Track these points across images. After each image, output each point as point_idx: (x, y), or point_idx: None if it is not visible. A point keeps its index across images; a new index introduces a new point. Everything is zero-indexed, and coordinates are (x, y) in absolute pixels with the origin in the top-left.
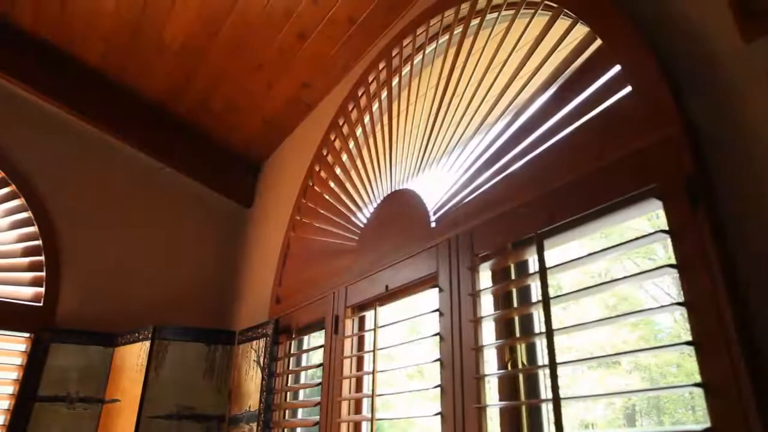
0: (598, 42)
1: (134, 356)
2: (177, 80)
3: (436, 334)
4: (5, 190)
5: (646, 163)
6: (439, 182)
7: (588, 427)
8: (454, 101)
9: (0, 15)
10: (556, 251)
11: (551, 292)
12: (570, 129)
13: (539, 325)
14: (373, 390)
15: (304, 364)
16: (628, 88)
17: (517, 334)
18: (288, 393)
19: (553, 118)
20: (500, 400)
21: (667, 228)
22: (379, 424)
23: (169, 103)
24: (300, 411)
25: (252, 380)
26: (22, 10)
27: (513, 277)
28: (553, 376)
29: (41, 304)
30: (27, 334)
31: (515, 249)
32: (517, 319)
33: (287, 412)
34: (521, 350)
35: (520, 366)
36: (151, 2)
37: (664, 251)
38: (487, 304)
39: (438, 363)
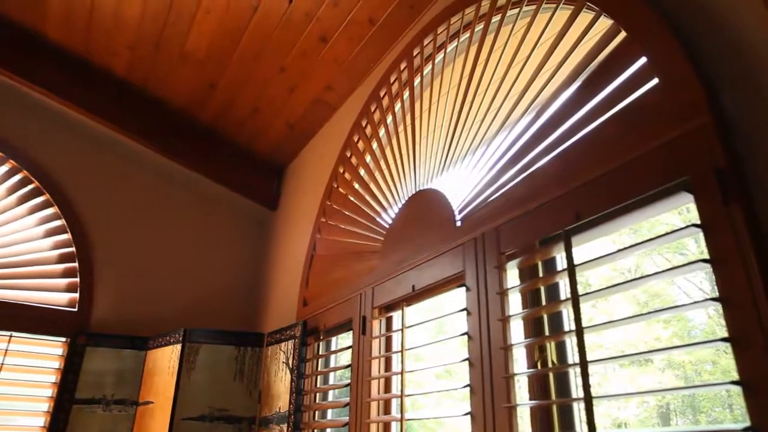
0: (623, 34)
1: (166, 359)
2: (201, 87)
3: (464, 334)
4: (40, 199)
5: (675, 156)
6: (464, 181)
7: (621, 426)
8: (477, 99)
9: (33, 30)
10: (584, 248)
11: (580, 290)
12: (596, 124)
13: (569, 323)
14: (402, 390)
15: (332, 365)
16: (655, 80)
17: (547, 333)
18: (317, 394)
19: (578, 113)
20: (531, 399)
21: (699, 222)
22: (409, 424)
23: (194, 110)
24: (329, 412)
25: (281, 382)
26: (53, 24)
27: (541, 274)
28: (584, 375)
29: (76, 310)
30: (63, 339)
31: (542, 246)
32: (546, 317)
33: (317, 413)
34: (551, 349)
35: (550, 365)
36: (174, 13)
37: (695, 246)
38: (515, 303)
39: (467, 362)
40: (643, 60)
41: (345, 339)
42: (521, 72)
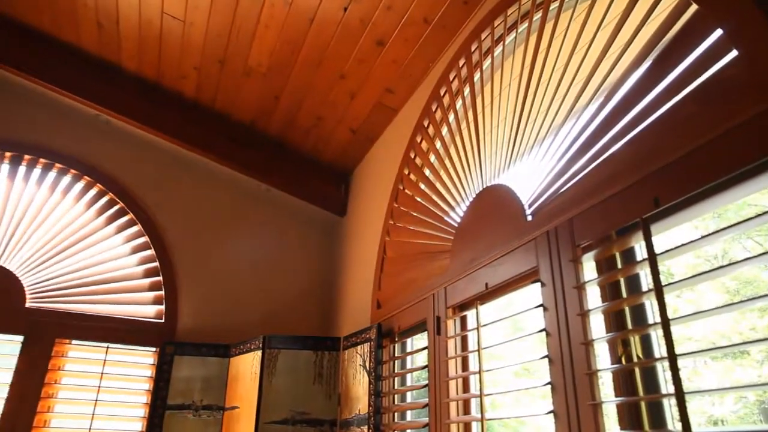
0: (694, 7)
1: (248, 365)
2: (265, 100)
3: (542, 330)
4: (125, 218)
5: (762, 131)
6: (532, 174)
7: (717, 424)
8: (541, 89)
9: (110, 62)
10: (663, 236)
11: (663, 280)
12: (670, 104)
13: (653, 316)
14: (480, 390)
15: (408, 366)
16: (734, 52)
17: (629, 326)
18: (396, 395)
19: (650, 94)
20: (616, 395)
21: None
22: (489, 424)
23: (261, 122)
24: (409, 413)
25: (360, 384)
26: (127, 55)
27: (619, 266)
28: (674, 369)
29: (163, 321)
30: (153, 349)
31: (619, 236)
32: (627, 310)
33: (396, 414)
34: (635, 343)
35: (635, 359)
36: (235, 31)
37: None
38: (593, 297)
39: (546, 360)
40: (718, 32)
41: (420, 340)
42: (585, 57)
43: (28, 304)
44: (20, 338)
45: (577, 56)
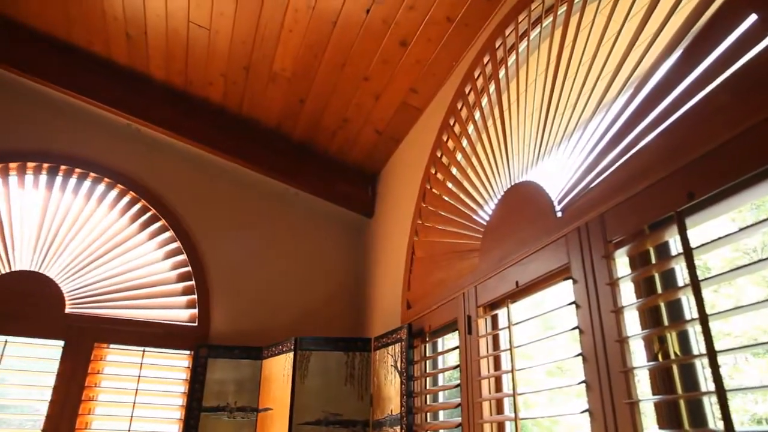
0: None
1: (280, 367)
2: (291, 104)
3: (574, 328)
4: (157, 224)
5: None
6: (561, 169)
7: (761, 423)
8: (568, 83)
9: (140, 72)
10: (698, 229)
11: (699, 274)
12: (703, 93)
13: (690, 311)
14: (513, 389)
15: (440, 365)
16: None
17: (665, 322)
18: (428, 395)
19: (682, 84)
20: (654, 393)
21: None
22: (523, 423)
23: (287, 126)
24: (441, 413)
25: (391, 385)
26: (156, 64)
27: (653, 261)
28: (714, 366)
29: (196, 324)
30: (188, 352)
31: (653, 231)
32: (663, 306)
33: (429, 414)
34: (671, 339)
35: (672, 356)
36: (260, 36)
37: None
38: (627, 293)
39: (580, 358)
40: (752, 18)
41: (451, 339)
42: (613, 48)
43: (67, 310)
44: (61, 343)
45: (604, 48)
